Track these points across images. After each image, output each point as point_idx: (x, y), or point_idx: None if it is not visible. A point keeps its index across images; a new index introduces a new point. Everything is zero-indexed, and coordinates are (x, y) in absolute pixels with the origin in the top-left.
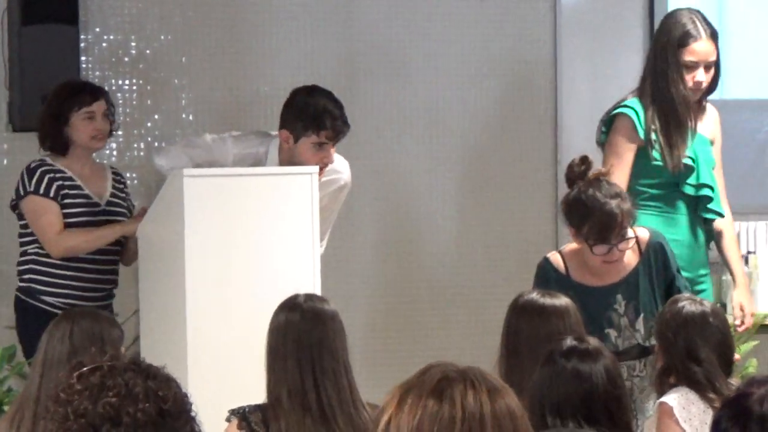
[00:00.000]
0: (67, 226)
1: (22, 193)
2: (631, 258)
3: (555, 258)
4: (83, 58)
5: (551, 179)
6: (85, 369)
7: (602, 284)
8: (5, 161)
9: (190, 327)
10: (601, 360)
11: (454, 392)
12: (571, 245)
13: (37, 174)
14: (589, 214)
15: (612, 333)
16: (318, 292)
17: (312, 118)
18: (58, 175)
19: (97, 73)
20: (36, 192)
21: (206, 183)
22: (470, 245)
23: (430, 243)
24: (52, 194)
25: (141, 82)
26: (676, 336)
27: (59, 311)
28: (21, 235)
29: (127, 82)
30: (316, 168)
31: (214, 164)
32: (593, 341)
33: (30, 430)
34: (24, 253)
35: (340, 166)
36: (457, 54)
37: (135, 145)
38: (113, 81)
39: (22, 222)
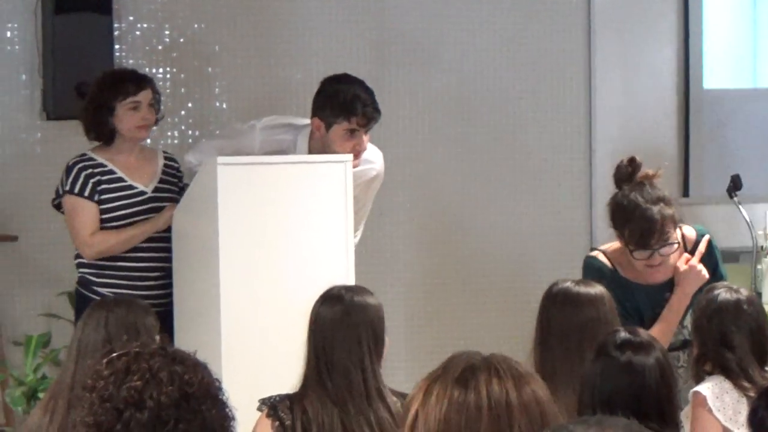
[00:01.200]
0: (110, 219)
1: (60, 192)
2: (676, 257)
3: (599, 256)
4: (117, 47)
5: (585, 168)
6: (113, 355)
7: (649, 283)
8: (38, 149)
9: (224, 316)
10: (653, 353)
11: (479, 381)
12: (613, 245)
13: (74, 172)
14: (630, 220)
15: None
16: (352, 280)
17: (342, 104)
18: (97, 170)
19: (131, 61)
20: (72, 191)
21: (240, 171)
22: (504, 233)
23: (463, 231)
24: (87, 193)
25: (174, 70)
26: (709, 323)
27: None
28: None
29: (160, 70)
30: (350, 156)
31: (240, 152)
32: (645, 334)
33: (64, 418)
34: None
35: (373, 156)
36: (489, 43)
37: (169, 133)
38: (147, 69)
39: None
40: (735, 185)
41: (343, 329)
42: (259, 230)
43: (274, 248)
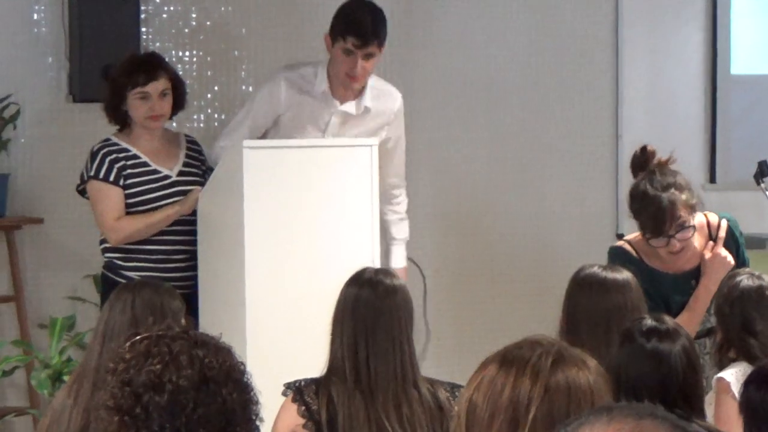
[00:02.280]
0: (136, 204)
1: (85, 177)
2: (702, 244)
3: (625, 245)
4: (143, 30)
5: (611, 153)
6: (136, 338)
7: (676, 270)
8: (65, 132)
9: (249, 299)
10: (679, 341)
11: (513, 363)
12: (634, 234)
13: (99, 157)
14: (642, 209)
15: None
16: (377, 263)
17: (344, 23)
18: (121, 155)
19: (157, 44)
20: (96, 177)
21: (266, 155)
22: (529, 219)
23: (488, 217)
24: (112, 178)
25: (201, 53)
26: (732, 309)
27: None
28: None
29: (186, 53)
30: (376, 140)
31: (268, 113)
32: (671, 321)
33: (89, 400)
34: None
35: (390, 88)
36: (517, 27)
37: (195, 117)
38: (173, 52)
39: None
40: (762, 171)
41: (385, 312)
42: (284, 213)
43: (299, 232)
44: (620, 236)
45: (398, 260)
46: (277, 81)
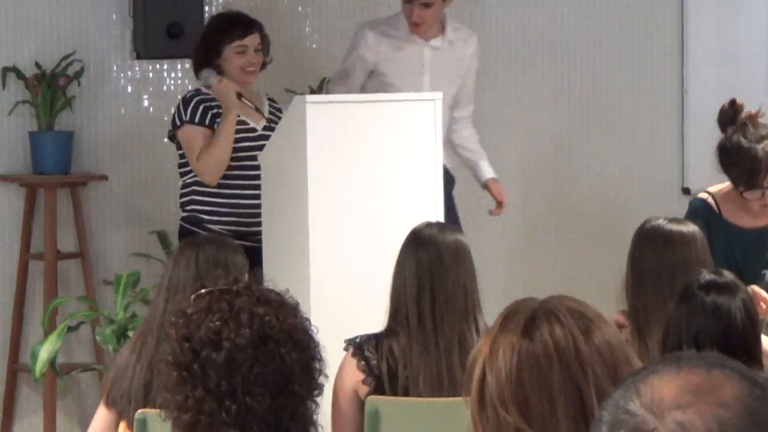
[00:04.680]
0: None
1: (178, 122)
2: None
3: (708, 199)
4: None
5: (677, 110)
6: (200, 292)
7: (758, 226)
8: (130, 89)
9: (312, 255)
10: (738, 294)
11: (543, 331)
12: (724, 187)
13: (193, 103)
14: (735, 161)
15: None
16: (440, 218)
17: None
18: (213, 103)
19: (221, 1)
20: (191, 121)
21: (329, 109)
22: (595, 174)
23: (556, 171)
24: (207, 122)
25: (265, 10)
26: None
27: None
28: (180, 165)
29: (251, 10)
30: (440, 94)
31: (360, 64)
32: (729, 275)
33: (153, 356)
34: (185, 185)
35: (466, 34)
36: None
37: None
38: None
39: (180, 152)
40: None
41: (441, 268)
42: (347, 169)
43: (362, 186)
44: (686, 190)
45: (490, 171)
46: (361, 31)
